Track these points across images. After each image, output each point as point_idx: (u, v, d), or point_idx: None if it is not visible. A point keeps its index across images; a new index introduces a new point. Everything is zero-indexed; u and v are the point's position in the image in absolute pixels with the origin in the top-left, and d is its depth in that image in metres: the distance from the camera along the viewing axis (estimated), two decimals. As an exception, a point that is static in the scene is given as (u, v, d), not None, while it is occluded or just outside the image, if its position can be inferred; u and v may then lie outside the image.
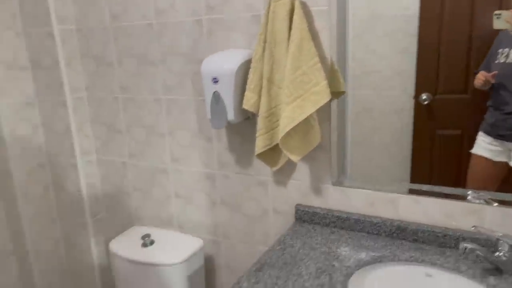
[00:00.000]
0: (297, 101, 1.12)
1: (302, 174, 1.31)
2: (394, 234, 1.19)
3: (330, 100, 1.15)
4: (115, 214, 1.75)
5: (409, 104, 1.21)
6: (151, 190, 1.63)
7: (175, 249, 1.46)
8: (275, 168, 1.29)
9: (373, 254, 1.11)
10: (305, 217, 1.31)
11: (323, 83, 1.11)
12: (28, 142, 1.66)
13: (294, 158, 1.18)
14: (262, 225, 1.43)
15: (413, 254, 1.10)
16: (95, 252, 1.75)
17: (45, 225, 1.76)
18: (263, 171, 1.38)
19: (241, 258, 1.51)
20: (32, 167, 1.68)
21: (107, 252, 1.79)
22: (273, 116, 1.21)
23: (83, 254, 1.78)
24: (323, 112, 1.22)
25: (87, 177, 1.69)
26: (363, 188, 1.24)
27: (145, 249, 1.47)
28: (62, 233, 1.82)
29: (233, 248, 1.51)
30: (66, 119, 1.61)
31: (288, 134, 1.16)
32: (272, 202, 1.39)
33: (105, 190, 1.74)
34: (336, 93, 1.20)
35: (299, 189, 1.33)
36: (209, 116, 1.28)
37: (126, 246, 1.50)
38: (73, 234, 1.78)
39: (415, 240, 1.16)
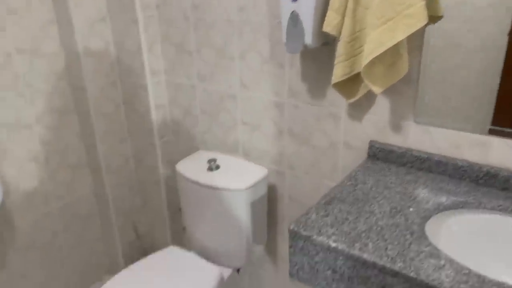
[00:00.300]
0: (387, 24, 0.99)
1: (380, 108, 1.21)
2: (481, 180, 1.08)
3: (426, 25, 1.01)
4: (182, 137, 1.77)
5: (502, 40, 1.03)
6: (218, 115, 1.60)
7: (239, 176, 1.45)
8: (351, 100, 1.19)
9: (455, 199, 1.02)
10: (380, 154, 1.23)
11: (420, 4, 0.96)
12: (101, 59, 1.67)
13: (376, 89, 1.08)
14: (330, 159, 1.37)
15: (502, 203, 0.99)
16: (162, 172, 1.81)
17: (116, 142, 1.82)
18: (337, 102, 1.29)
19: (305, 191, 1.48)
20: (104, 84, 1.71)
21: (174, 172, 1.84)
22: (356, 41, 1.09)
23: (151, 172, 1.84)
24: (413, 39, 1.08)
25: (156, 99, 1.70)
26: (449, 128, 1.12)
27: (210, 173, 1.48)
28: (132, 151, 1.88)
29: (298, 179, 1.48)
30: (137, 38, 1.59)
31: (372, 62, 1.04)
32: (344, 136, 1.31)
33: (173, 113, 1.75)
34: (433, 18, 1.04)
35: (375, 125, 1.23)
36: (284, 39, 1.19)
37: (192, 169, 1.52)
38: (142, 153, 1.84)
39: (505, 189, 1.05)
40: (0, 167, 1.55)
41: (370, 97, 1.21)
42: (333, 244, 0.88)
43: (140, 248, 2.05)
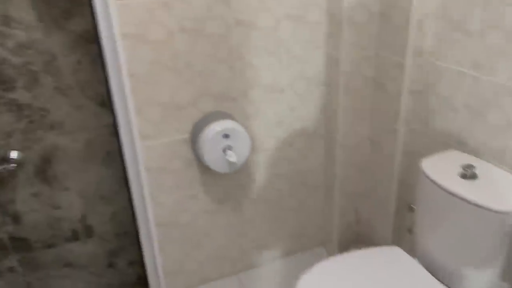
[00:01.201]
0: None
1: None
2: None
3: None
4: (433, 130, 1.53)
5: None
6: (487, 112, 1.30)
7: (503, 193, 1.16)
8: None
9: None
10: None
11: None
12: (362, 30, 1.58)
13: None
14: None
15: None
16: (398, 162, 1.64)
17: (356, 119, 1.74)
18: None
19: None
20: (358, 57, 1.62)
21: (412, 166, 1.64)
22: None
23: (386, 159, 1.70)
24: None
25: (412, 82, 1.51)
26: None
27: (463, 181, 1.23)
28: (370, 132, 1.77)
29: None
30: (406, 11, 1.41)
31: None
32: None
33: (428, 100, 1.52)
34: None
35: None
36: None
37: (440, 170, 1.29)
38: (381, 137, 1.71)
39: None
40: (252, 123, 1.68)
41: None
42: None
43: (356, 233, 1.98)
